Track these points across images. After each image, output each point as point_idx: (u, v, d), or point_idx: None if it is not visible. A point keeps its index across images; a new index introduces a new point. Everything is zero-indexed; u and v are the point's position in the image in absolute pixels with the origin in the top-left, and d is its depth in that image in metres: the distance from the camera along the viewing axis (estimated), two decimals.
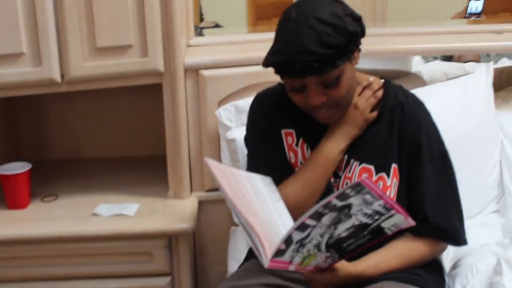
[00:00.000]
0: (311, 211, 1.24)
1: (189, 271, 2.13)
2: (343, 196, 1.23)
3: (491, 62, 2.27)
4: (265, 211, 1.43)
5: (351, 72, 1.51)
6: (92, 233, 2.02)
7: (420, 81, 2.45)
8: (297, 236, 1.26)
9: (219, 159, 2.22)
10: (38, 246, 2.03)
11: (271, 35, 2.44)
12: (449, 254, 1.72)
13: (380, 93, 1.61)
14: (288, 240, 1.26)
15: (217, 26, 4.13)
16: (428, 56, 3.65)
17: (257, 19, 5.39)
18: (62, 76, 2.04)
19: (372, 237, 1.35)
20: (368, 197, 1.24)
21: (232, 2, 4.98)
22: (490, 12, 4.89)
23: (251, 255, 1.70)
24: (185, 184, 2.21)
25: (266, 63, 1.51)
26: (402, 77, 2.54)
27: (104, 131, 2.58)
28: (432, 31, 2.52)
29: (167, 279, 2.09)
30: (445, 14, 4.80)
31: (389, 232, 1.35)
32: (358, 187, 1.23)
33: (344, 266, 1.43)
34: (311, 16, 1.42)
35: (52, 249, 2.03)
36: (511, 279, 1.44)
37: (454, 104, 2.07)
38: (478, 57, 3.52)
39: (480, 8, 3.61)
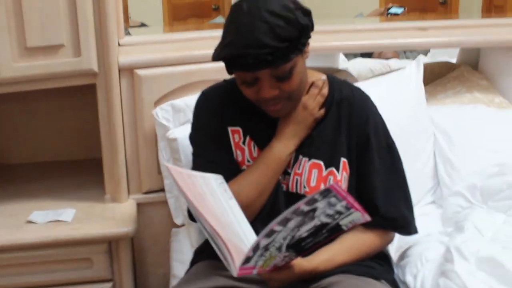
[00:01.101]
0: (280, 217, 1.25)
1: (131, 276, 2.08)
2: (311, 202, 1.25)
3: (421, 57, 2.34)
4: (222, 212, 1.42)
5: (302, 65, 1.52)
6: (28, 241, 1.94)
7: (350, 77, 2.49)
8: (264, 242, 1.27)
9: (156, 160, 2.18)
10: None
11: (203, 34, 2.46)
12: (393, 244, 1.76)
13: (325, 91, 1.61)
14: (255, 247, 1.27)
15: (143, 25, 4.07)
16: (349, 54, 3.74)
17: (173, 19, 5.37)
18: None
19: (330, 234, 1.37)
20: (333, 199, 1.26)
21: (147, 2, 4.94)
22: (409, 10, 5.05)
23: (198, 257, 1.68)
24: (122, 187, 2.16)
25: (217, 56, 1.48)
26: (332, 74, 2.58)
27: (32, 135, 2.49)
28: (358, 28, 2.58)
29: (108, 285, 2.04)
30: (354, 11, 4.93)
31: (346, 229, 1.37)
32: (326, 192, 1.24)
33: (299, 263, 1.44)
34: (263, 9, 1.42)
35: None
36: (462, 266, 1.49)
37: (387, 99, 2.11)
38: (396, 54, 3.64)
39: (399, 12, 3.76)
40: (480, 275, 1.49)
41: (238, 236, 1.38)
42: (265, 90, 1.48)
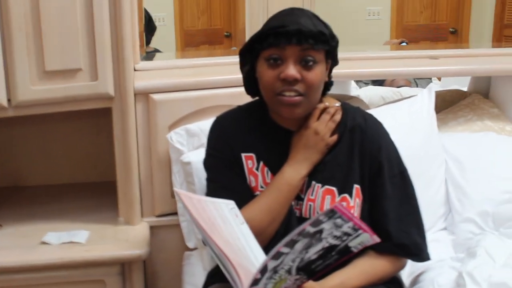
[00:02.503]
0: (286, 239, 1.26)
1: None
2: (316, 223, 1.26)
3: (432, 85, 2.37)
4: (232, 236, 1.43)
5: (323, 73, 1.56)
6: (42, 262, 1.95)
7: (363, 104, 2.52)
8: (271, 264, 1.28)
9: (169, 183, 2.20)
10: None
11: (217, 60, 2.50)
12: (405, 270, 1.76)
13: (338, 117, 1.63)
14: (263, 270, 1.28)
15: (156, 51, 4.13)
16: (360, 82, 3.78)
17: (186, 46, 5.44)
18: (9, 100, 1.98)
19: (340, 257, 1.38)
20: (339, 221, 1.27)
21: (161, 28, 5.01)
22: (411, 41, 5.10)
23: (210, 280, 1.69)
24: (136, 209, 2.18)
25: (256, 33, 1.56)
26: (345, 100, 2.60)
27: (47, 157, 2.51)
28: (371, 56, 2.62)
29: None
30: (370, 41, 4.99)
31: (355, 250, 1.38)
32: (331, 213, 1.26)
33: (311, 286, 1.44)
34: (306, 11, 1.58)
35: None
36: None
37: (400, 126, 2.13)
38: (408, 82, 3.66)
39: None
40: None
41: (248, 260, 1.39)
42: (289, 68, 1.51)
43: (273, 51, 1.53)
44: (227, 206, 1.50)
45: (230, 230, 1.44)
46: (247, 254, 1.41)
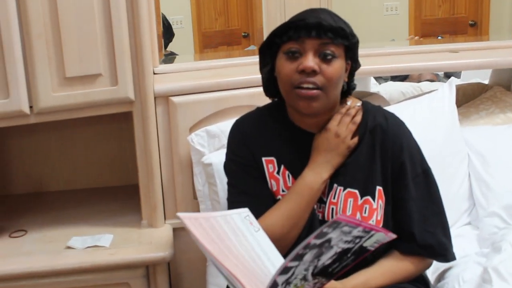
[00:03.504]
0: (292, 254, 1.24)
1: None
2: (321, 235, 1.25)
3: (453, 79, 2.35)
4: (246, 249, 1.41)
5: (342, 68, 1.55)
6: (67, 266, 1.97)
7: (383, 100, 2.50)
8: (281, 279, 1.27)
9: (191, 185, 2.21)
10: (10, 283, 1.96)
11: (235, 61, 2.50)
12: (431, 267, 1.74)
13: (358, 118, 1.62)
14: (273, 285, 1.26)
15: (172, 54, 4.15)
16: (380, 78, 3.76)
17: (204, 48, 5.46)
18: (31, 107, 2.01)
19: (356, 257, 1.37)
20: (346, 228, 1.26)
21: (178, 31, 5.04)
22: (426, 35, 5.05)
23: None
24: (158, 212, 2.19)
25: (277, 28, 1.57)
26: (365, 97, 2.60)
27: (69, 163, 2.54)
28: (389, 51, 2.60)
29: None
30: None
31: (372, 249, 1.37)
32: (335, 224, 1.24)
33: (333, 286, 1.44)
34: (327, 10, 1.59)
35: (26, 285, 1.97)
36: (501, 287, 1.48)
37: (421, 121, 2.12)
38: (434, 76, 3.63)
39: None
40: None
41: (264, 270, 1.37)
42: (308, 60, 1.50)
43: (292, 44, 1.52)
44: (239, 215, 1.49)
45: (243, 242, 1.42)
46: (262, 264, 1.39)
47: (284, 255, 1.44)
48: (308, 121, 1.61)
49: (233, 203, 1.61)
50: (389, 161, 1.59)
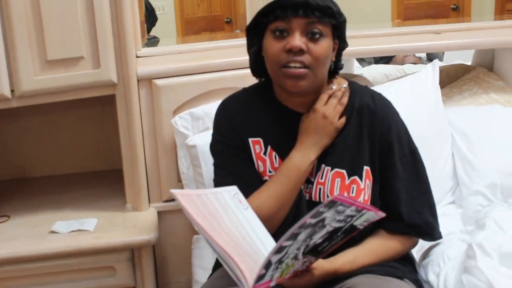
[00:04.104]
0: (287, 234, 1.24)
1: (153, 283, 2.10)
2: (317, 214, 1.25)
3: (436, 60, 2.35)
4: (236, 226, 1.41)
5: (329, 47, 1.54)
6: (52, 250, 1.96)
7: (366, 82, 2.50)
8: (275, 258, 1.27)
9: (176, 168, 2.20)
10: None
11: (219, 43, 2.49)
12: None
13: (345, 99, 1.61)
14: (267, 265, 1.27)
15: (154, 37, 4.13)
16: (363, 61, 3.76)
17: (186, 33, 5.43)
18: (12, 91, 1.99)
19: (346, 235, 1.37)
20: (340, 208, 1.26)
21: (161, 16, 5.00)
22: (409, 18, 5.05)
23: (220, 262, 1.69)
24: (143, 196, 2.18)
25: (263, 7, 1.55)
26: (349, 79, 2.60)
27: (53, 148, 2.52)
28: (372, 33, 2.59)
29: None
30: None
31: (361, 227, 1.37)
32: (332, 204, 1.25)
33: (321, 265, 1.45)
34: None
35: (10, 270, 1.96)
36: (485, 262, 1.49)
37: (405, 102, 2.12)
38: (417, 59, 3.64)
39: None
40: (503, 270, 1.49)
41: (254, 247, 1.38)
42: (295, 39, 1.49)
43: (279, 23, 1.51)
44: (229, 193, 1.49)
45: (234, 220, 1.42)
46: (252, 242, 1.40)
47: (272, 235, 1.44)
48: (296, 100, 1.60)
49: (219, 184, 1.59)
50: (377, 141, 1.59)
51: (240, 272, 1.30)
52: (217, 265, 1.69)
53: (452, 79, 2.58)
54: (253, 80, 1.72)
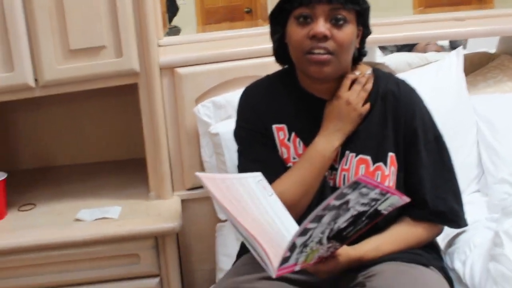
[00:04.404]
0: (311, 216, 1.24)
1: (177, 271, 2.10)
2: (341, 196, 1.24)
3: (461, 47, 2.33)
4: (260, 212, 1.41)
5: (353, 33, 1.54)
6: (76, 238, 1.98)
7: (389, 70, 2.48)
8: (300, 240, 1.27)
9: (199, 156, 2.20)
10: (20, 255, 1.98)
11: (241, 32, 2.48)
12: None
13: (369, 86, 1.60)
14: (292, 247, 1.27)
15: (175, 27, 4.13)
16: (386, 50, 3.73)
17: (206, 23, 5.42)
18: (36, 80, 2.00)
19: (370, 221, 1.36)
20: (364, 190, 1.26)
21: (181, 6, 5.00)
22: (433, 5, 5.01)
23: (244, 249, 1.69)
24: (166, 184, 2.19)
25: None
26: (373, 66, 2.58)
27: (76, 137, 2.54)
28: (395, 21, 2.56)
29: (156, 280, 2.06)
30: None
31: (386, 212, 1.36)
32: (355, 185, 1.24)
33: (346, 251, 1.44)
34: None
35: (35, 258, 1.98)
36: None
37: (429, 90, 2.07)
38: (440, 48, 3.60)
39: None
40: None
41: (279, 233, 1.37)
42: (318, 25, 1.49)
43: (303, 9, 1.51)
44: (254, 179, 1.49)
45: (258, 205, 1.42)
46: (277, 227, 1.39)
47: (297, 222, 1.44)
48: (319, 87, 1.60)
49: (243, 171, 1.60)
50: (402, 128, 1.58)
51: (265, 255, 1.30)
52: (241, 252, 1.69)
53: (476, 67, 2.55)
54: (275, 69, 1.72)
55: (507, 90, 2.33)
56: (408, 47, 3.71)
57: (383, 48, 3.65)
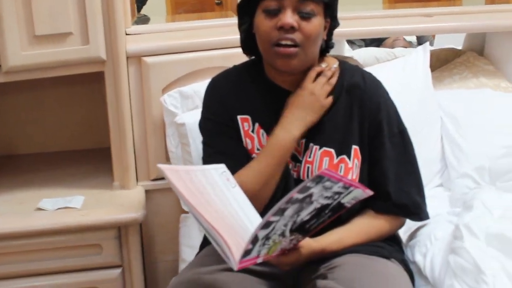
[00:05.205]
0: (274, 209, 1.24)
1: (140, 262, 2.09)
2: (304, 189, 1.24)
3: (427, 43, 2.35)
4: (224, 203, 1.40)
5: (321, 26, 1.53)
6: (38, 227, 1.95)
7: (357, 64, 2.49)
8: (262, 233, 1.26)
9: (164, 147, 2.19)
10: None
11: (210, 23, 2.47)
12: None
13: (334, 80, 1.60)
14: (254, 240, 1.26)
15: (145, 16, 4.10)
16: (354, 44, 3.75)
17: (175, 14, 5.38)
18: None
19: (333, 213, 1.37)
20: (328, 183, 1.26)
21: None
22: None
23: (207, 240, 1.68)
24: (130, 174, 2.17)
25: None
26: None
27: (40, 125, 2.50)
28: (363, 15, 2.58)
29: (118, 270, 2.05)
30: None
31: (349, 205, 1.37)
32: (319, 179, 1.24)
33: (308, 244, 1.44)
34: None
35: None
36: (472, 243, 1.50)
37: (395, 84, 2.10)
38: (408, 44, 3.63)
39: None
40: (490, 251, 1.49)
41: (242, 225, 1.37)
42: (286, 16, 1.48)
43: (271, 1, 1.50)
44: (217, 171, 1.47)
45: (221, 197, 1.41)
46: (240, 219, 1.39)
47: (260, 214, 1.43)
48: (286, 78, 1.60)
49: (208, 162, 1.58)
50: (367, 120, 1.59)
51: (227, 248, 1.29)
52: (204, 243, 1.69)
53: (443, 63, 2.58)
54: (243, 60, 1.71)
55: (471, 86, 2.36)
56: (377, 43, 3.73)
57: (351, 43, 3.67)
